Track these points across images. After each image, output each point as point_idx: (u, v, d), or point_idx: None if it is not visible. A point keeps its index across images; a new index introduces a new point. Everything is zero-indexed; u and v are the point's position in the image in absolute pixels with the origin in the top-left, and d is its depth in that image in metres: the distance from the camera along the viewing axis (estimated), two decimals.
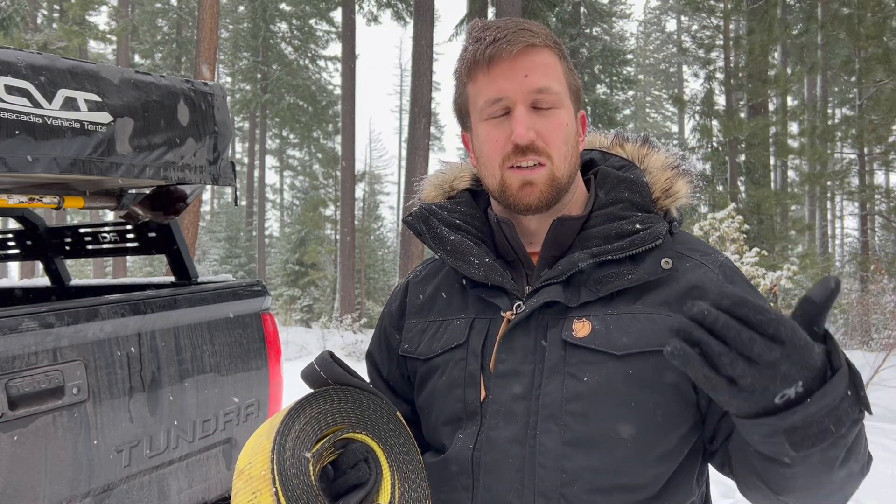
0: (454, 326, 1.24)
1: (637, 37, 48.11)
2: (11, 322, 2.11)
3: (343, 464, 1.08)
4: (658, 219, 1.18)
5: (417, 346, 1.28)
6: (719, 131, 17.01)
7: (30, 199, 2.60)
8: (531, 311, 1.15)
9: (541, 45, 1.16)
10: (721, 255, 1.22)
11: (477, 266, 1.21)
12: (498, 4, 14.23)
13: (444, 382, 1.21)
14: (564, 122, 1.17)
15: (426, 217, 1.30)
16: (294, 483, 1.00)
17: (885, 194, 19.23)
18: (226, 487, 2.90)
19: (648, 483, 1.11)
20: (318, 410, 1.10)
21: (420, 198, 1.38)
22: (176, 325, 2.67)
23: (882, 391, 7.74)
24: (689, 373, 0.82)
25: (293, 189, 38.77)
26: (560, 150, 1.16)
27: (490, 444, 1.14)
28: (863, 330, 11.95)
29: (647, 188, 1.22)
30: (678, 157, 1.27)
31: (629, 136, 1.34)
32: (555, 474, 1.10)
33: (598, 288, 1.14)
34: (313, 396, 1.11)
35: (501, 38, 1.14)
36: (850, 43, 17.15)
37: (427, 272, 1.37)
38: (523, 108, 1.14)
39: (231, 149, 2.96)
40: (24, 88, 2.10)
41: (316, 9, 29.39)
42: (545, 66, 1.16)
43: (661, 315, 1.12)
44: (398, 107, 50.14)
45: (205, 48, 10.50)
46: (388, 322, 1.39)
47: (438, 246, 1.26)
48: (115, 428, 2.40)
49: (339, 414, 1.11)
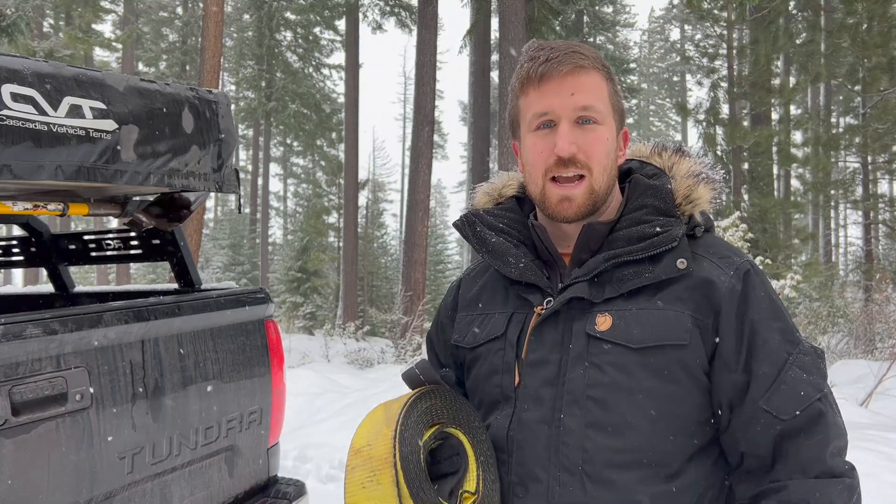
0: (495, 319, 1.38)
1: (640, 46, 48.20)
2: (15, 328, 2.11)
3: (440, 454, 1.26)
4: (678, 223, 1.28)
5: (465, 336, 1.44)
6: (723, 140, 16.99)
7: (34, 205, 2.60)
8: (559, 306, 1.27)
9: (589, 67, 1.27)
10: (742, 259, 1.29)
11: (513, 265, 1.35)
12: (501, 14, 14.27)
13: (486, 369, 1.36)
14: (605, 138, 1.28)
15: (472, 221, 1.45)
16: (410, 467, 1.15)
17: (889, 203, 19.21)
18: (228, 495, 2.89)
19: (666, 461, 1.21)
20: (429, 405, 1.27)
21: (473, 204, 1.54)
22: (179, 332, 2.67)
23: (886, 400, 7.70)
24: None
25: (297, 196, 38.79)
26: (600, 163, 1.27)
27: (521, 425, 1.27)
28: (867, 339, 11.90)
29: (671, 194, 1.32)
30: (704, 166, 1.39)
31: (668, 146, 1.45)
32: (577, 452, 1.21)
33: (620, 285, 1.26)
34: (425, 394, 1.28)
35: (553, 59, 1.26)
36: (854, 52, 17.15)
37: (478, 270, 1.53)
38: (567, 124, 1.26)
39: (235, 156, 2.97)
40: (30, 96, 2.11)
41: (320, 17, 29.45)
42: (591, 86, 1.27)
43: (676, 311, 1.22)
44: (402, 115, 50.27)
45: (209, 56, 10.53)
46: (444, 314, 1.56)
47: (481, 247, 1.41)
48: (117, 435, 2.40)
49: (442, 410, 1.28)
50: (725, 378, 1.21)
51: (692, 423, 1.22)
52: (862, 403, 7.54)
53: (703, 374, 1.22)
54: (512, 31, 13.68)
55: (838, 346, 12.00)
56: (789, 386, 1.18)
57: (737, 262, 1.27)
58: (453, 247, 39.07)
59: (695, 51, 20.11)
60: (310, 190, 34.92)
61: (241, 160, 37.71)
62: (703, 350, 1.22)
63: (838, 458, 1.18)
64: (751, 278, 1.25)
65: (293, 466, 5.45)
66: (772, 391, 1.18)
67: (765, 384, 1.19)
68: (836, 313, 13.26)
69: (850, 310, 13.32)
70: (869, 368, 8.34)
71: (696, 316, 1.22)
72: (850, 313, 13.06)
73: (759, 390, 1.19)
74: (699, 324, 1.22)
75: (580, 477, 1.20)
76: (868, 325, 12.02)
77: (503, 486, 1.29)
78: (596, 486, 1.20)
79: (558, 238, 1.36)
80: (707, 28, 19.55)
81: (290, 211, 40.82)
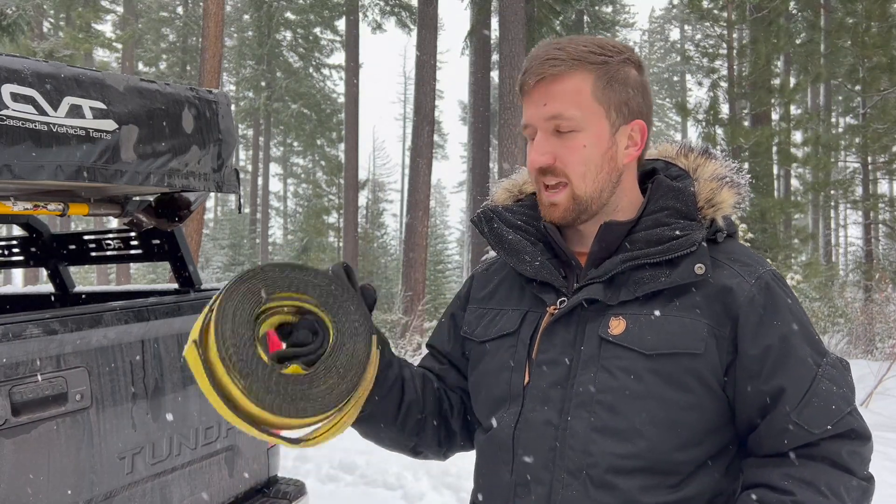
0: (509, 316, 1.36)
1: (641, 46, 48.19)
2: (15, 328, 2.11)
3: (295, 327, 1.23)
4: (699, 227, 1.25)
5: (475, 328, 1.42)
6: (723, 140, 16.99)
7: (34, 205, 2.60)
8: (572, 307, 1.25)
9: (565, 71, 1.23)
10: (764, 267, 1.25)
11: (529, 263, 1.33)
12: (501, 14, 14.28)
13: (495, 365, 1.34)
14: (581, 145, 1.25)
15: (490, 217, 1.42)
16: (226, 318, 1.14)
17: (889, 203, 19.22)
18: (228, 495, 2.89)
19: (672, 470, 1.18)
20: (296, 274, 1.24)
21: (492, 200, 1.50)
22: (179, 332, 2.67)
23: (886, 401, 7.71)
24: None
25: (296, 196, 38.80)
26: (577, 170, 1.25)
27: (528, 425, 1.25)
28: (867, 339, 11.90)
29: (693, 197, 1.29)
30: (730, 169, 1.35)
31: (694, 147, 1.42)
32: (581, 456, 1.19)
33: (636, 288, 1.23)
34: (298, 265, 1.26)
35: (529, 70, 1.26)
36: (854, 52, 17.16)
37: (494, 266, 1.50)
38: (543, 134, 1.26)
39: (235, 156, 2.97)
40: (30, 96, 2.11)
41: (320, 17, 29.45)
42: (564, 92, 1.24)
43: (692, 319, 1.19)
44: (402, 115, 50.29)
45: (209, 56, 10.53)
46: (456, 305, 1.53)
47: (497, 244, 1.39)
48: (117, 435, 2.40)
49: (311, 287, 1.25)
50: (750, 389, 1.19)
51: (702, 433, 1.19)
52: (862, 403, 7.54)
53: (718, 384, 1.19)
54: (512, 31, 13.69)
55: (838, 346, 12.00)
56: (821, 399, 1.16)
57: (759, 270, 1.23)
58: (453, 247, 39.09)
59: (695, 51, 20.09)
60: (310, 190, 34.92)
61: (241, 160, 37.69)
62: (719, 360, 1.19)
63: (860, 463, 1.17)
64: (773, 288, 1.22)
65: (293, 466, 5.44)
66: (803, 404, 1.16)
67: (796, 397, 1.16)
68: (836, 313, 13.27)
69: (850, 310, 13.32)
70: (869, 368, 8.34)
71: (712, 325, 1.19)
72: (850, 313, 13.06)
73: (791, 403, 1.16)
74: (715, 333, 1.19)
75: (583, 481, 1.18)
76: (868, 325, 12.03)
77: (505, 485, 1.26)
78: (599, 490, 1.18)
79: (575, 237, 1.35)
80: (707, 28, 19.53)
81: (290, 211, 40.84)
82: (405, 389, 1.39)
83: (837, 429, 1.15)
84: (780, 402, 1.17)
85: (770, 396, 1.18)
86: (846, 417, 1.16)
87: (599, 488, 1.18)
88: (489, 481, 1.32)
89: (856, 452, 1.16)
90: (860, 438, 1.17)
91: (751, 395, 1.19)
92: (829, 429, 1.15)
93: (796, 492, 1.12)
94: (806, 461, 1.16)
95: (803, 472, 1.14)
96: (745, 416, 1.21)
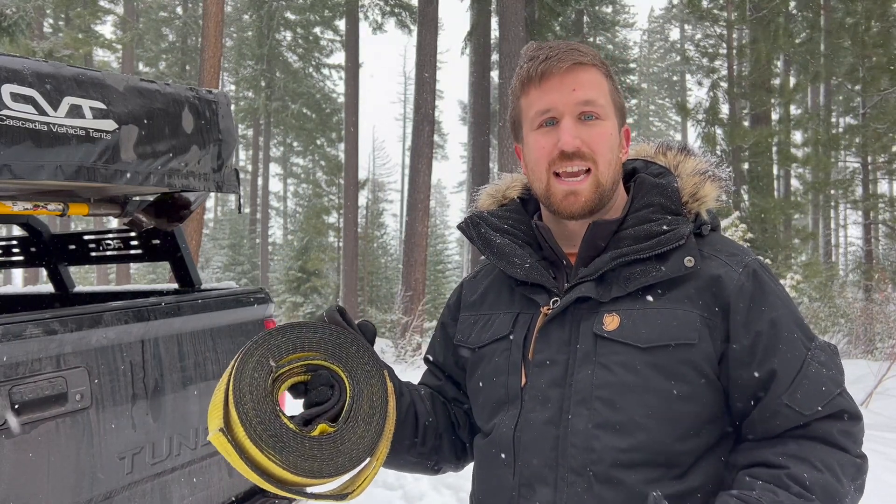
0: (501, 320, 1.38)
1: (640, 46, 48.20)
2: (15, 328, 2.11)
3: (311, 384, 1.25)
4: (685, 221, 1.28)
5: (469, 336, 1.43)
6: (723, 139, 16.98)
7: (34, 205, 2.60)
8: (566, 306, 1.27)
9: (588, 64, 1.28)
10: (750, 256, 1.29)
11: (519, 266, 1.34)
12: (501, 14, 14.28)
13: (491, 370, 1.35)
14: (609, 132, 1.28)
15: (476, 223, 1.44)
16: (244, 380, 1.16)
17: (889, 203, 19.21)
18: (228, 494, 2.89)
19: (675, 461, 1.20)
20: (298, 334, 1.26)
21: (476, 206, 1.53)
22: (179, 332, 2.67)
23: (886, 400, 7.71)
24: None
25: (296, 196, 38.76)
26: (605, 156, 1.27)
27: (528, 426, 1.26)
28: (867, 339, 11.90)
29: (677, 192, 1.32)
30: (710, 164, 1.38)
31: (672, 145, 1.45)
32: (584, 453, 1.20)
33: (627, 284, 1.25)
34: (298, 325, 1.28)
35: (553, 56, 1.27)
36: (854, 52, 17.16)
37: (482, 272, 1.52)
38: (570, 119, 1.26)
39: (235, 156, 2.97)
40: (30, 96, 2.11)
41: (320, 17, 29.44)
42: (592, 82, 1.28)
43: (684, 310, 1.22)
44: (402, 115, 50.24)
45: (209, 56, 10.53)
46: (447, 315, 1.55)
47: (486, 248, 1.41)
48: (117, 435, 2.40)
49: (318, 343, 1.27)
50: (743, 374, 1.21)
51: (701, 423, 1.21)
52: (862, 404, 7.54)
53: (713, 372, 1.21)
54: (512, 32, 13.69)
55: (838, 346, 11.98)
56: (811, 381, 1.18)
57: (745, 259, 1.26)
58: (453, 247, 39.07)
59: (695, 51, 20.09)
60: (310, 190, 34.89)
61: (241, 160, 37.69)
62: (713, 348, 1.21)
63: (853, 441, 1.18)
64: (760, 276, 1.25)
65: None
66: (794, 387, 1.18)
67: (787, 380, 1.19)
68: (836, 313, 13.27)
69: (850, 310, 13.31)
70: (869, 369, 8.35)
71: (704, 314, 1.21)
72: (850, 313, 13.05)
73: (782, 386, 1.19)
74: (708, 322, 1.21)
75: (588, 477, 1.19)
76: (868, 325, 12.02)
77: (508, 487, 1.27)
78: (603, 486, 1.19)
79: (564, 238, 1.36)
80: (707, 28, 19.52)
81: (290, 211, 40.80)
82: (418, 413, 1.44)
83: (828, 410, 1.17)
84: (771, 385, 1.20)
85: (762, 380, 1.20)
86: (836, 398, 1.19)
87: (604, 484, 1.19)
88: (490, 485, 1.32)
89: (847, 432, 1.18)
90: (852, 418, 1.19)
91: (744, 381, 1.22)
92: (820, 410, 1.17)
93: (790, 465, 1.14)
94: (799, 440, 1.18)
95: (797, 450, 1.16)
96: (738, 402, 1.23)
